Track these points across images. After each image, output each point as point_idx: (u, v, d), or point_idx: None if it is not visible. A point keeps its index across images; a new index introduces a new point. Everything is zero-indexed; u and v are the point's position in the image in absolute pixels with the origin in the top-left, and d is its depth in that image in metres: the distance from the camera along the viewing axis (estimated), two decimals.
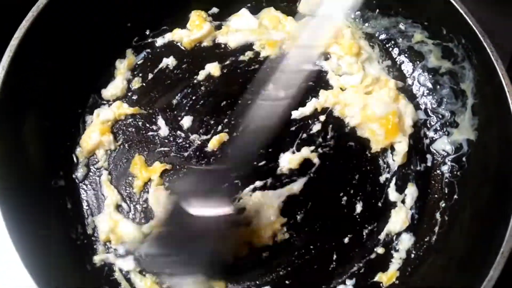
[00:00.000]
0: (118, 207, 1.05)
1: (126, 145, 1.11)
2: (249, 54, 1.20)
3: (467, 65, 1.10)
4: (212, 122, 1.12)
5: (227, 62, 1.19)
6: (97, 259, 1.00)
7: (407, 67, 1.22)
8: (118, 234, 1.02)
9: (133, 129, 1.12)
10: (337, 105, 1.14)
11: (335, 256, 1.04)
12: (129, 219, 1.04)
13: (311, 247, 1.04)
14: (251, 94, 1.10)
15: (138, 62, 1.18)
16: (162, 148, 1.10)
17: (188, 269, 0.91)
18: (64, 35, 1.06)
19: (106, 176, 1.07)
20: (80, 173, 1.08)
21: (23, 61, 0.97)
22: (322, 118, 1.14)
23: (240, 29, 1.21)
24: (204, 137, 1.11)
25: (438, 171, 1.12)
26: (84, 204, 1.06)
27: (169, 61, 1.18)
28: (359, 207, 1.08)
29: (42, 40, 1.01)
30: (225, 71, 1.18)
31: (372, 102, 1.12)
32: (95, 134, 1.09)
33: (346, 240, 1.05)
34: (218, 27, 1.22)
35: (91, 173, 1.08)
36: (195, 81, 1.16)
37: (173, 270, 0.93)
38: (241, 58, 1.19)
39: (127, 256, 1.01)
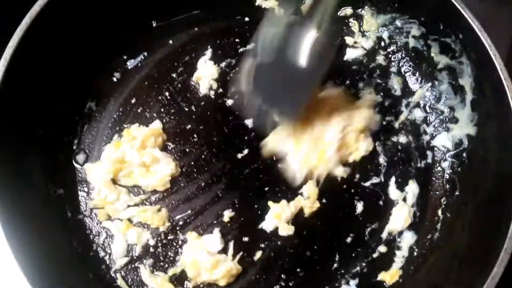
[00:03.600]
0: None
1: None
2: None
3: (465, 60, 1.09)
4: None
5: None
6: None
7: (404, 64, 1.21)
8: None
9: None
10: None
11: (337, 256, 1.03)
12: None
13: (315, 247, 1.03)
14: None
15: None
16: None
17: None
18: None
19: None
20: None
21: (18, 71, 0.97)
22: None
23: None
24: None
25: (439, 168, 1.12)
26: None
27: None
28: (360, 207, 1.07)
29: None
30: None
31: None
32: None
33: (348, 240, 1.05)
34: None
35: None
36: None
37: None
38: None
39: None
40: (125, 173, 1.06)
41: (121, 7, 1.14)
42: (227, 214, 1.04)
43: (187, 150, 1.10)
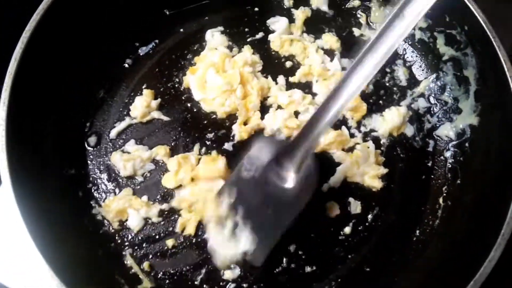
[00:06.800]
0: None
1: None
2: None
3: (470, 51, 1.11)
4: None
5: None
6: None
7: (411, 55, 1.23)
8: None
9: None
10: None
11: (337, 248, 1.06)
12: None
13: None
14: None
15: None
16: None
17: None
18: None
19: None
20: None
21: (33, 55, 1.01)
22: None
23: None
24: None
25: (442, 157, 1.14)
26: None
27: None
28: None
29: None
30: None
31: None
32: None
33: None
34: None
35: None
36: None
37: None
38: None
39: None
40: None
41: None
42: None
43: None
